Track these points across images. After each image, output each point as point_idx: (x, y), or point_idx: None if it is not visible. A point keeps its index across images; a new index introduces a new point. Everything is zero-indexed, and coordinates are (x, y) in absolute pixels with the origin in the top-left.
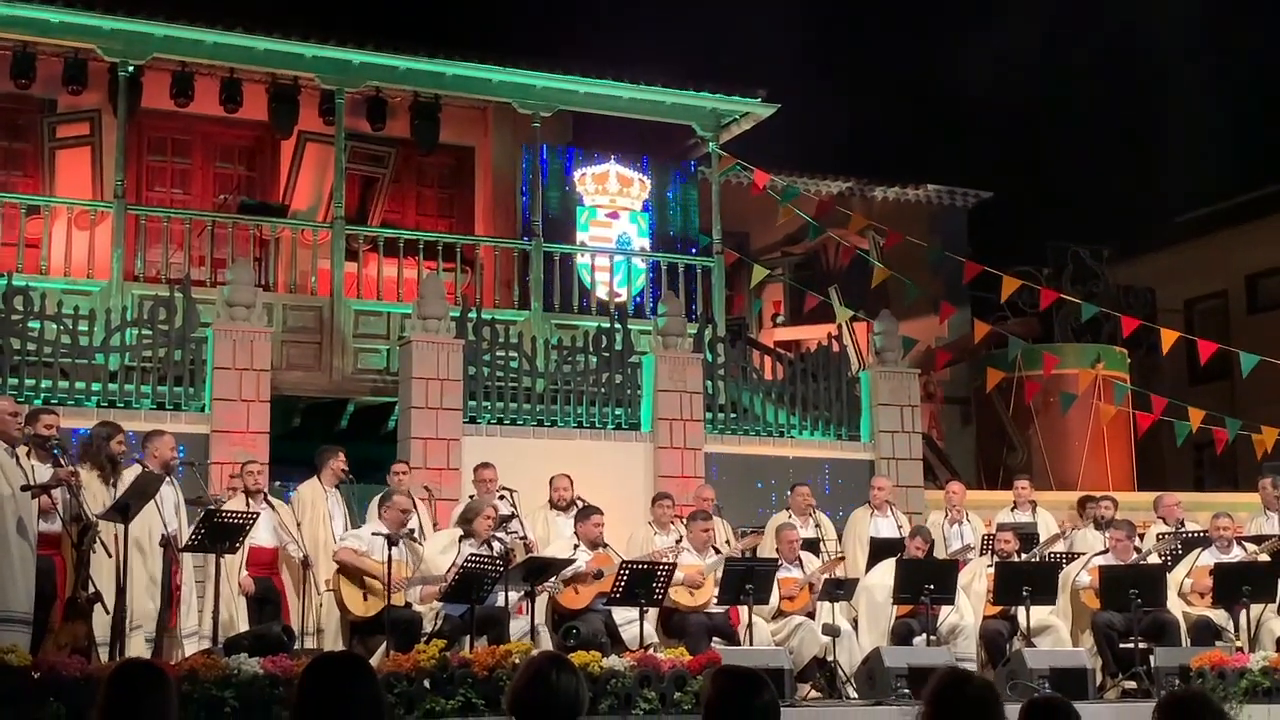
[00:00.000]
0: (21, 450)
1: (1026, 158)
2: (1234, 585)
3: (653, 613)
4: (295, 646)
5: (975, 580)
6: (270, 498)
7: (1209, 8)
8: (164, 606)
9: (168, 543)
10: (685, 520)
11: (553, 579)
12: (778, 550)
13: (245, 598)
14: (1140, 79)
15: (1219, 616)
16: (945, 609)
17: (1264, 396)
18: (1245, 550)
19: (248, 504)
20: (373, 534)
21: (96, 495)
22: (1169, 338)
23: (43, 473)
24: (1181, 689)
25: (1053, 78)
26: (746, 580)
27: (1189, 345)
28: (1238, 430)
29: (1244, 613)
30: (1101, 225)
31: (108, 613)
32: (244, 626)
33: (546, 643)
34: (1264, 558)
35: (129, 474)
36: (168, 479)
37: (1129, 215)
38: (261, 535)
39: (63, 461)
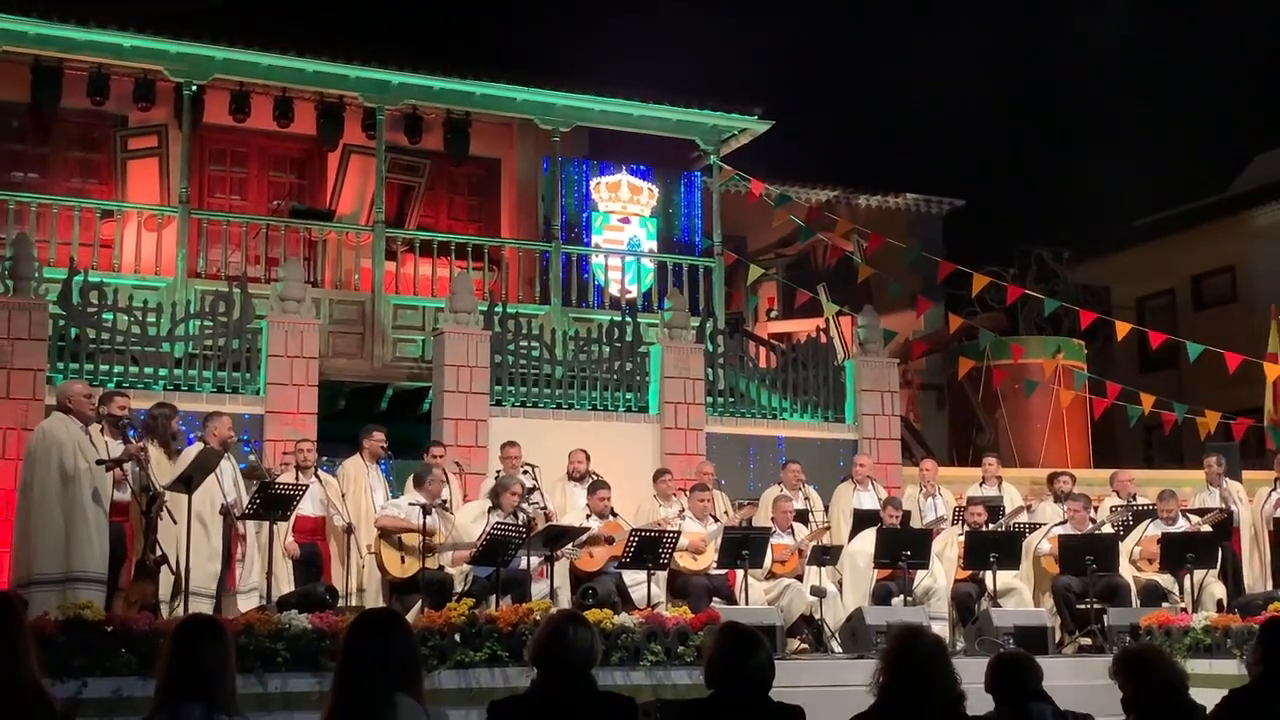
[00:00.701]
0: (95, 428)
1: (996, 170)
2: (1179, 553)
3: (660, 575)
4: (339, 604)
5: (947, 548)
6: (319, 471)
7: (1159, 35)
8: (223, 568)
9: (227, 511)
10: (687, 492)
11: (569, 545)
12: (771, 519)
13: (291, 560)
14: (1097, 101)
15: (1165, 581)
16: (920, 573)
17: (1207, 384)
18: (1189, 521)
19: (298, 477)
20: (409, 504)
21: (162, 468)
22: (1122, 330)
23: (115, 448)
24: (1136, 644)
25: (1019, 100)
26: (743, 546)
27: (1140, 337)
28: (1184, 414)
29: (1188, 577)
30: (1062, 230)
31: (173, 574)
32: (288, 587)
33: (564, 602)
34: (1206, 528)
35: (190, 451)
36: (226, 454)
37: (1087, 221)
38: (306, 505)
39: (132, 439)
